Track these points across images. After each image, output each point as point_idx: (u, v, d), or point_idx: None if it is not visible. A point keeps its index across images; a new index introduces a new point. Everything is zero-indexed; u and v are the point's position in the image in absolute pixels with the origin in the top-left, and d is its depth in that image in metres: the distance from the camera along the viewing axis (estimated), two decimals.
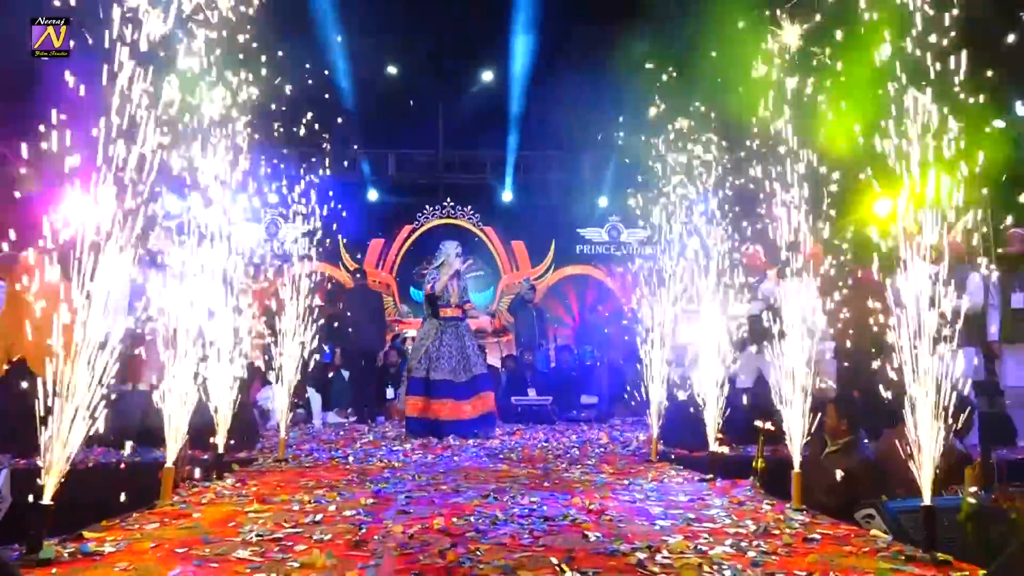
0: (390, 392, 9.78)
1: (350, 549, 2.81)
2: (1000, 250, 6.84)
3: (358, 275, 10.14)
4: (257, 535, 3.00)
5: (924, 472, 2.82)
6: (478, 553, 2.72)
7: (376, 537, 3.00)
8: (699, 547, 2.86)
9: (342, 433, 7.71)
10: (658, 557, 2.70)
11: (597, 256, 13.52)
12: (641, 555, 2.71)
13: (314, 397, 8.61)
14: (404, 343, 10.83)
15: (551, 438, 7.19)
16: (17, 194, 6.72)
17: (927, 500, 2.80)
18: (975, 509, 3.66)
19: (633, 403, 9.56)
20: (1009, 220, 6.52)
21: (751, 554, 2.77)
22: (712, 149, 7.31)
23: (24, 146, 5.96)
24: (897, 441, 4.94)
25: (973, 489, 4.02)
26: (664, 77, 8.40)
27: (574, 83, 12.17)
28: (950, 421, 2.90)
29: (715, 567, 2.58)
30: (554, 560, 2.61)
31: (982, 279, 5.91)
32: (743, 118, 6.87)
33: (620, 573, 2.48)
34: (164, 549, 2.79)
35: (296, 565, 2.56)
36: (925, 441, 2.84)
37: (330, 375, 9.44)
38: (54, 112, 3.26)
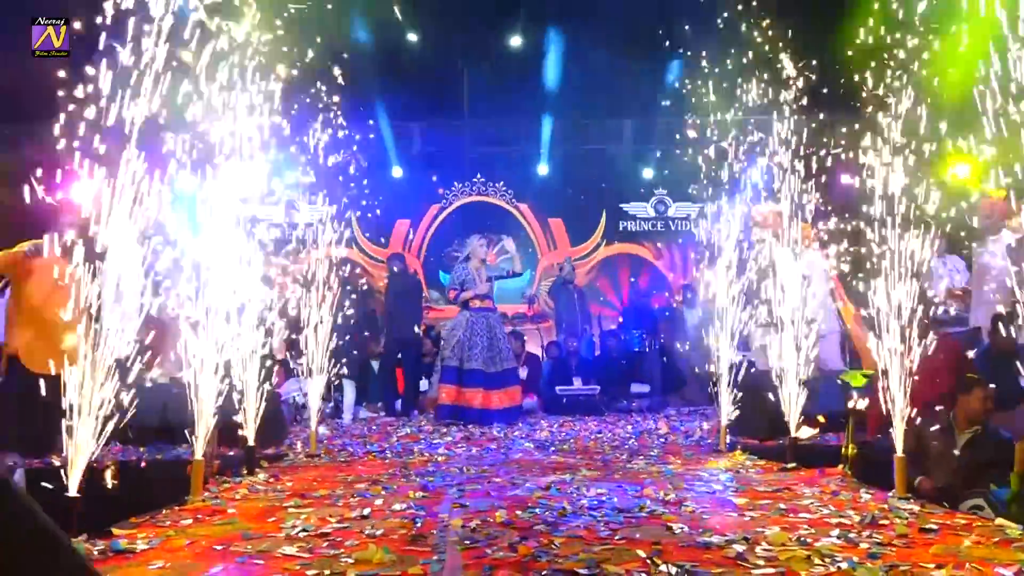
0: (424, 384, 9.71)
1: (407, 544, 2.71)
2: None
3: (397, 260, 9.99)
4: (302, 530, 2.91)
5: None
6: (553, 547, 2.60)
7: (434, 531, 2.89)
8: (802, 538, 2.71)
9: (374, 428, 7.65)
10: (758, 550, 2.56)
11: (642, 233, 13.26)
12: (739, 547, 2.56)
13: (348, 389, 8.54)
14: (439, 334, 10.73)
15: (604, 429, 7.06)
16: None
17: None
18: None
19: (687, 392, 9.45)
20: None
21: (864, 546, 2.61)
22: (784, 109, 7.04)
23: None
24: None
25: None
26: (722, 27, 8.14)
27: (614, 43, 11.93)
28: None
29: (826, 560, 2.43)
30: (641, 553, 2.48)
31: None
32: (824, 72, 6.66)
33: (719, 567, 2.34)
34: (201, 546, 2.71)
35: (351, 561, 2.46)
36: None
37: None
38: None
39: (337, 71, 8.82)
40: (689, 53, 9.14)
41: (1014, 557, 2.43)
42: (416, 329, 9.76)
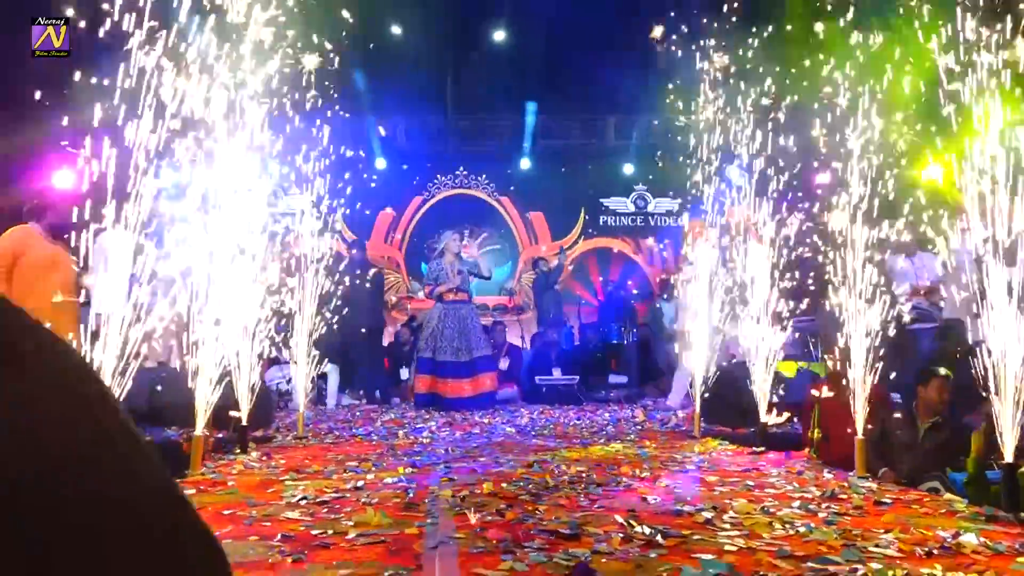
0: (404, 373, 9.91)
1: (402, 510, 2.92)
2: None
3: (355, 249, 10.12)
4: (302, 499, 3.11)
5: (1006, 434, 2.91)
6: (537, 513, 2.82)
7: (426, 500, 3.10)
8: (766, 508, 2.95)
9: (358, 414, 7.83)
10: (725, 517, 2.80)
11: (622, 228, 13.53)
12: (708, 515, 2.80)
13: (332, 375, 8.71)
14: (420, 325, 10.91)
15: (582, 417, 7.30)
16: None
17: (1009, 458, 2.88)
18: None
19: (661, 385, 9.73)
20: None
21: (822, 515, 2.86)
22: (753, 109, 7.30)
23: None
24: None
25: None
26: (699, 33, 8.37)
27: (597, 42, 12.16)
28: None
29: (787, 525, 2.67)
30: (619, 518, 2.71)
31: None
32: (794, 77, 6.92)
33: (690, 530, 2.58)
34: (208, 512, 2.90)
35: (351, 524, 2.67)
36: (1007, 407, 2.93)
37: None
38: None
39: (322, 62, 8.96)
40: (671, 52, 9.36)
41: (957, 524, 2.69)
42: (381, 316, 9.97)
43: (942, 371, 4.28)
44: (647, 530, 2.50)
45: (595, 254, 13.49)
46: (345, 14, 11.46)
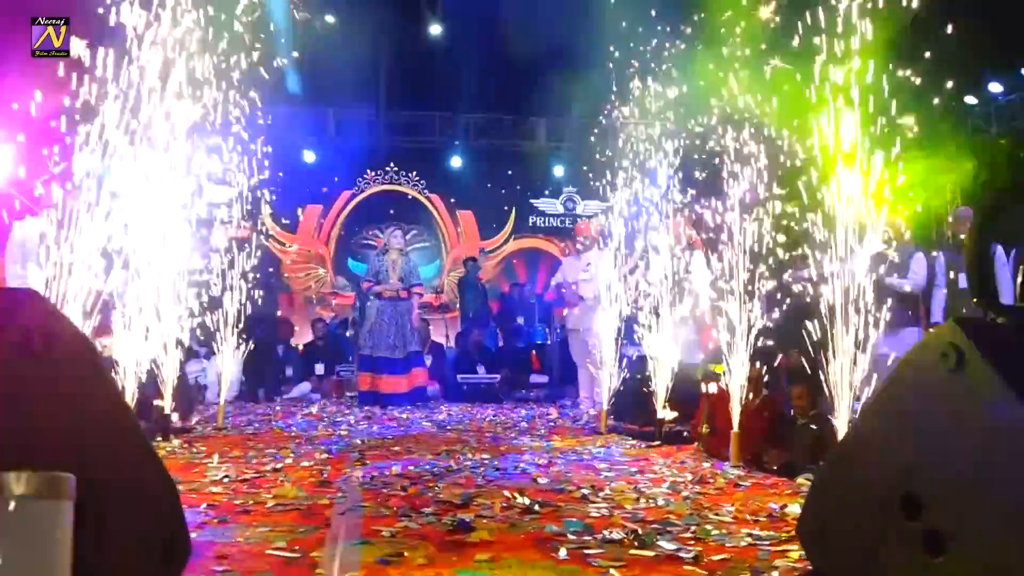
0: (320, 368, 10.23)
1: (316, 487, 3.38)
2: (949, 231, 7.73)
3: (262, 235, 10.31)
4: (225, 477, 3.54)
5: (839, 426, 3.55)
6: (436, 489, 3.32)
7: (339, 480, 3.57)
8: (638, 487, 3.51)
9: (278, 408, 8.20)
10: (600, 494, 3.34)
11: (551, 229, 14.12)
12: (585, 491, 3.35)
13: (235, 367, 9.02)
14: (346, 325, 11.23)
15: (499, 414, 7.82)
16: None
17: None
18: None
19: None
20: None
21: (685, 494, 3.43)
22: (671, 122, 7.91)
23: None
24: None
25: None
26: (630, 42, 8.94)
27: (531, 41, 12.71)
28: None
29: (650, 500, 3.23)
30: (507, 493, 3.22)
31: (926, 258, 6.64)
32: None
33: (566, 503, 3.11)
34: None
35: (270, 496, 3.12)
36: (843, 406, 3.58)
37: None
38: None
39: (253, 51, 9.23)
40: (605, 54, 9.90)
41: (791, 500, 3.29)
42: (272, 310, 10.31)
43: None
44: (527, 501, 3.02)
45: (522, 255, 14.06)
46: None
